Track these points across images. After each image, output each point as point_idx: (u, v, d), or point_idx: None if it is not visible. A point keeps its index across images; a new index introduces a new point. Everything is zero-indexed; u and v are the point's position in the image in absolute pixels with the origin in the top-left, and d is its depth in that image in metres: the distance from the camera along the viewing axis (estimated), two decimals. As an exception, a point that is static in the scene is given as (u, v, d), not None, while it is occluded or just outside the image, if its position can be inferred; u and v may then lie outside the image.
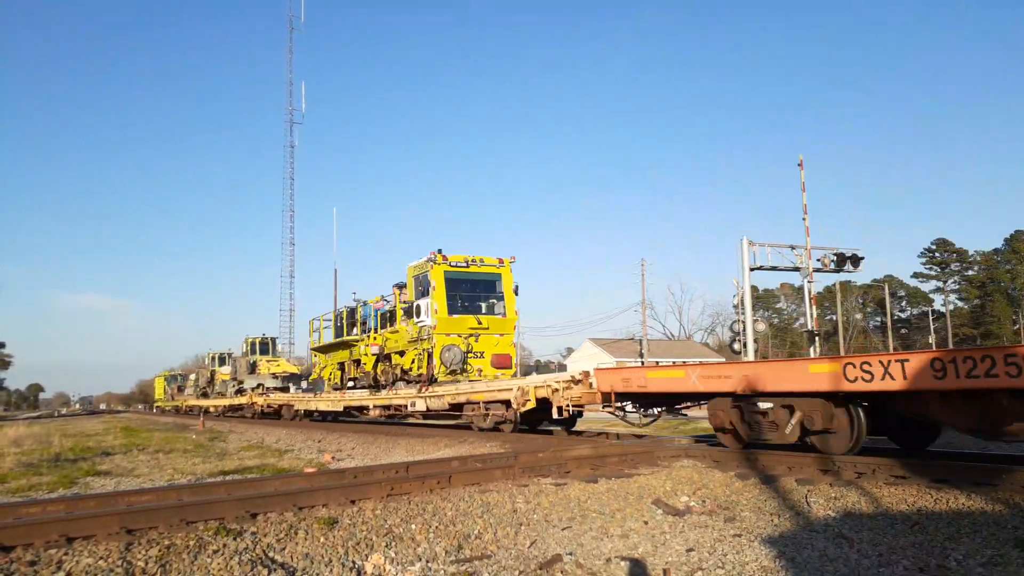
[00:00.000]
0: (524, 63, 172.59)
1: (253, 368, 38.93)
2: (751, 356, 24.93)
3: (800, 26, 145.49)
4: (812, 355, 24.63)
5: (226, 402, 41.36)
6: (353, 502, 7.29)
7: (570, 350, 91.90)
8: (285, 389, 35.94)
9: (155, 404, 77.84)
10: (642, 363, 65.75)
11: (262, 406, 33.57)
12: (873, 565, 5.21)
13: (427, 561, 5.68)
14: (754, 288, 31.53)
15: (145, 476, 12.56)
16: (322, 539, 6.02)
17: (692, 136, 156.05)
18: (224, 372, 46.50)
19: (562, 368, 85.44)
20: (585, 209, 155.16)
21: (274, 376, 37.74)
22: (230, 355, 49.04)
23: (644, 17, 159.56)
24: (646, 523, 6.83)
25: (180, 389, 65.11)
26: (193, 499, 7.39)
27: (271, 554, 5.68)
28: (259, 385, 36.72)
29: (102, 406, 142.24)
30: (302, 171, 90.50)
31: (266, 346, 42.41)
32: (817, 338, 27.09)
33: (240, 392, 39.12)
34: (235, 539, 5.89)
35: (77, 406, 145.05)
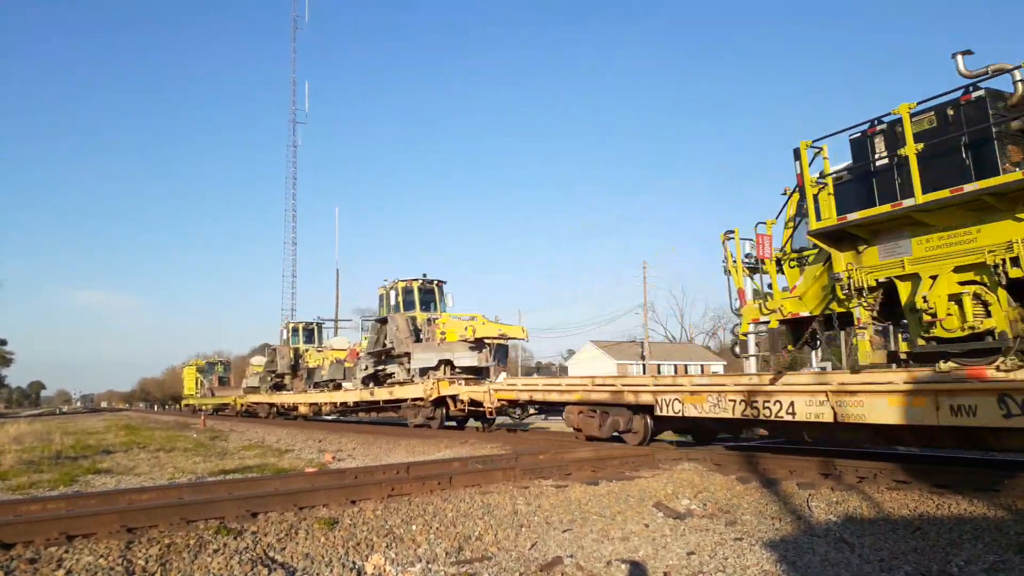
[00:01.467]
0: (528, 63, 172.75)
1: (418, 334, 21.85)
2: (752, 359, 24.88)
3: (804, 27, 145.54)
4: (813, 361, 24.56)
5: (348, 397, 25.00)
6: (354, 502, 7.29)
7: (571, 352, 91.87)
8: (480, 371, 20.35)
9: (184, 402, 59.42)
10: (643, 366, 65.65)
11: (496, 404, 16.61)
12: (875, 570, 5.19)
13: (427, 562, 5.67)
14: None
15: (146, 474, 12.57)
16: (322, 539, 6.01)
17: (694, 138, 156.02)
18: (334, 349, 30.00)
19: (564, 371, 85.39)
20: (587, 210, 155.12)
21: (473, 345, 20.14)
22: (321, 326, 35.02)
23: (648, 17, 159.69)
24: (647, 526, 6.82)
25: (222, 381, 51.07)
26: (194, 498, 7.40)
27: (271, 554, 5.68)
28: (442, 364, 20.15)
29: (103, 404, 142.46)
30: (305, 170, 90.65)
31: (431, 296, 23.42)
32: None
33: (377, 379, 23.24)
34: (235, 538, 5.88)
35: (78, 404, 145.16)
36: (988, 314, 7.98)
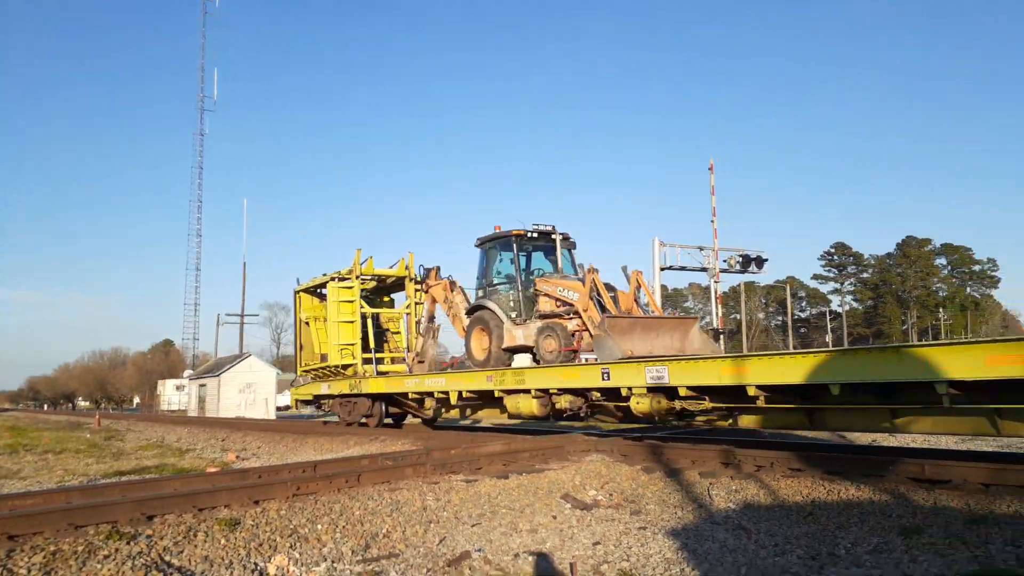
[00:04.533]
0: (444, 52, 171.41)
1: None
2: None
3: (713, 33, 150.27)
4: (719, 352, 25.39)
5: None
6: (257, 502, 7.09)
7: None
8: None
9: (322, 388, 18.79)
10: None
11: None
12: (769, 555, 5.41)
13: (332, 561, 5.56)
14: (664, 288, 32.56)
15: (32, 478, 11.86)
16: (223, 541, 5.81)
17: (608, 135, 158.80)
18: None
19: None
20: (499, 206, 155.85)
21: None
22: None
23: (571, 18, 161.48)
24: (555, 517, 6.90)
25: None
26: (83, 502, 7.01)
27: (167, 558, 5.45)
28: None
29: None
30: (213, 161, 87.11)
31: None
32: (722, 336, 28.11)
33: None
34: (128, 543, 5.62)
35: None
36: None
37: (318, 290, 19.99)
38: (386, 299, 20.59)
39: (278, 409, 46.96)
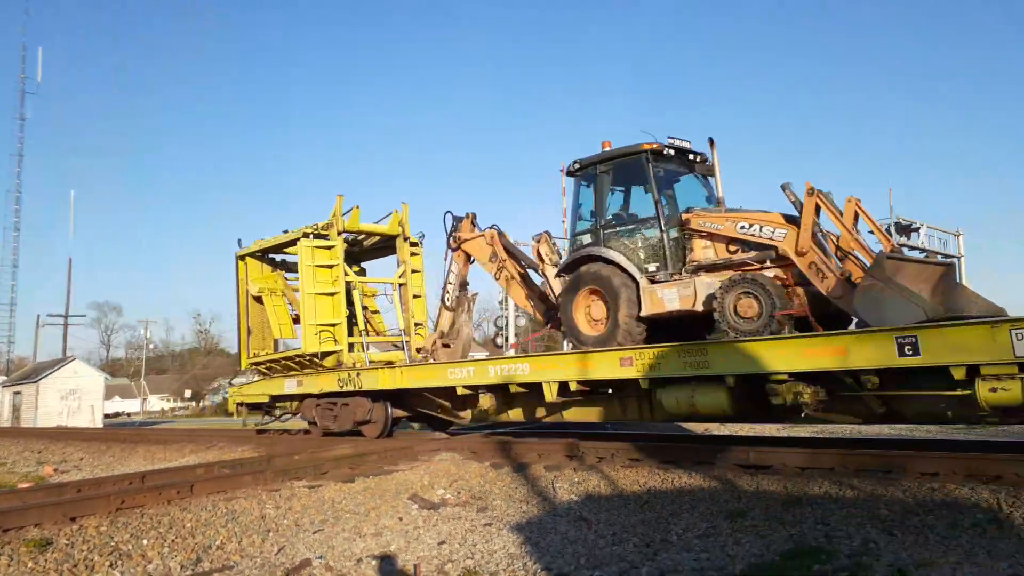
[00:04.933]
0: (285, 27, 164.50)
1: None
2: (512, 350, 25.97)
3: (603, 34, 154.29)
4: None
5: None
6: (74, 519, 6.52)
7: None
8: None
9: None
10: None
11: None
12: (607, 544, 5.60)
13: (159, 578, 5.20)
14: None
15: None
16: (30, 564, 5.28)
17: (476, 130, 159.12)
18: None
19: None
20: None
21: None
22: None
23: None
24: (400, 519, 6.81)
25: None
26: None
27: (-38, 587, 4.89)
28: None
29: None
30: (37, 148, 78.73)
31: None
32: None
33: None
34: (-87, 574, 4.99)
35: None
36: None
37: (267, 255, 15.49)
38: (356, 269, 15.70)
39: (106, 417, 43.70)
